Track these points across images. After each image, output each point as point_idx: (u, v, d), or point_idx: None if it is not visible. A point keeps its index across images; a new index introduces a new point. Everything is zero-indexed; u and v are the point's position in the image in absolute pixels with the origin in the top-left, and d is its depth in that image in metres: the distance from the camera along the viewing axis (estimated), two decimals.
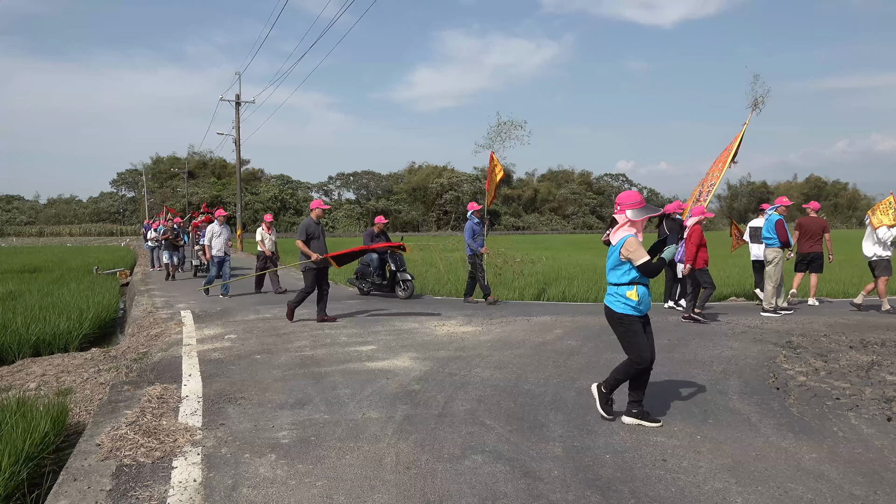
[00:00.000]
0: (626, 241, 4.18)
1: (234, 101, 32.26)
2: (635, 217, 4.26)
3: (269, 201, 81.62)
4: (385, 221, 12.74)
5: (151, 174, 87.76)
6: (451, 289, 13.82)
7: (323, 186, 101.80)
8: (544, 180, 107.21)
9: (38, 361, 8.31)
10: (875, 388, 5.24)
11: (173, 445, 4.06)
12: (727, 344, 7.05)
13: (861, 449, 3.95)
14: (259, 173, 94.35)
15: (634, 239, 4.19)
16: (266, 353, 6.96)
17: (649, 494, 3.32)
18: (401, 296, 12.05)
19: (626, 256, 4.19)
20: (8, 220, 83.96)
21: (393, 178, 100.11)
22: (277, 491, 3.40)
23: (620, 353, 6.56)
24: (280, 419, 4.60)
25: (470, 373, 5.88)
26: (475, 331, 8.09)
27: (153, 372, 6.36)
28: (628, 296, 4.25)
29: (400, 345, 7.26)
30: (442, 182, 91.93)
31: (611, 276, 4.33)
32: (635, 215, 4.26)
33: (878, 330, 7.99)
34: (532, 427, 4.38)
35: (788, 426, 4.38)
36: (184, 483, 3.50)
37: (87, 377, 7.09)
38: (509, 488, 3.40)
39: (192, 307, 11.13)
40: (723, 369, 5.94)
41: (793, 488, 3.39)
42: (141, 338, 8.63)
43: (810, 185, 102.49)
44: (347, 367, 6.21)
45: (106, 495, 3.36)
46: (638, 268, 4.18)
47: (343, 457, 3.87)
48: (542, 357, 6.50)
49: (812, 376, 5.63)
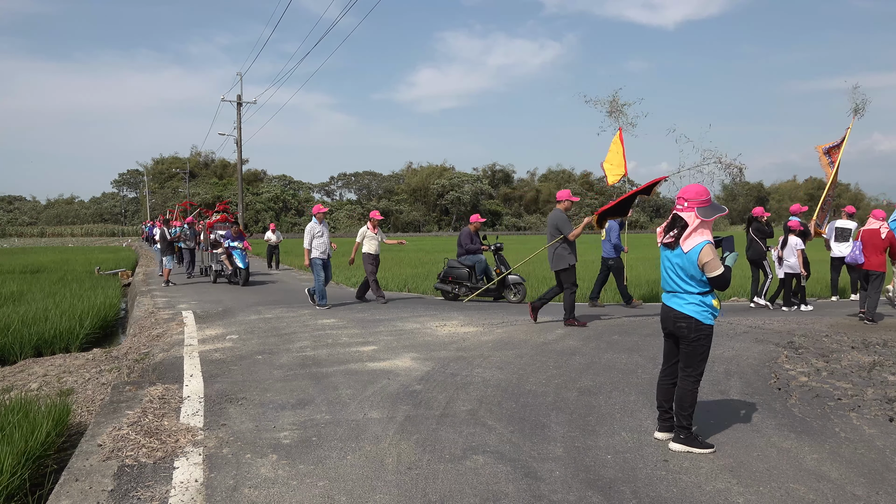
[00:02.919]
0: (704, 248, 3.73)
1: (236, 101, 32.32)
2: (707, 217, 3.76)
3: (270, 202, 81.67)
4: (483, 220, 11.80)
5: (153, 175, 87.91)
6: None
7: (324, 187, 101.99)
8: (545, 180, 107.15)
9: (39, 362, 8.33)
10: (877, 388, 5.23)
11: (175, 446, 4.06)
12: (728, 344, 7.05)
13: (863, 449, 3.95)
14: (261, 174, 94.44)
15: (710, 247, 3.75)
16: (267, 353, 6.97)
17: (651, 495, 3.32)
18: (513, 300, 11.30)
19: (701, 265, 3.76)
20: (10, 221, 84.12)
21: (394, 179, 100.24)
22: (279, 491, 3.40)
23: (622, 354, 6.58)
24: (281, 419, 4.60)
25: (471, 373, 5.88)
26: (476, 331, 8.09)
27: (155, 372, 6.37)
28: (714, 304, 3.86)
29: (401, 345, 7.26)
30: (443, 182, 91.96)
31: (687, 284, 3.84)
32: (706, 214, 3.77)
33: (879, 330, 7.98)
34: (533, 427, 4.38)
35: (790, 426, 4.38)
36: (185, 483, 3.50)
37: (89, 377, 7.11)
38: (511, 489, 3.40)
39: (193, 307, 11.14)
40: (724, 369, 5.94)
41: (794, 489, 3.38)
42: (142, 338, 8.64)
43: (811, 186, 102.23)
44: (349, 367, 6.22)
45: (108, 495, 3.37)
46: (711, 279, 3.77)
47: (344, 457, 3.87)
48: (543, 357, 6.50)
49: (814, 377, 5.63)
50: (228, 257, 15.34)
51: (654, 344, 7.06)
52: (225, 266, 15.69)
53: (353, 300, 11.89)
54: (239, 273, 15.09)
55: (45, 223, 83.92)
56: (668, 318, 3.97)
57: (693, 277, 3.82)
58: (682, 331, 3.87)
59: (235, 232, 15.48)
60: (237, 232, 15.50)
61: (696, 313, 3.83)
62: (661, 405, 4.07)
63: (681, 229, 3.82)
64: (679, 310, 3.87)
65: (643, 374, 5.76)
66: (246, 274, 15.05)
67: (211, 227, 17.70)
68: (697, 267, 3.76)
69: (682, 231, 3.81)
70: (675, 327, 3.90)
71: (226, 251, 15.40)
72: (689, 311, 3.84)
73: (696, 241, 3.76)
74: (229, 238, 15.41)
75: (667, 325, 4.00)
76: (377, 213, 11.49)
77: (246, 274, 15.05)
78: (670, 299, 3.97)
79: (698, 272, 3.79)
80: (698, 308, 3.83)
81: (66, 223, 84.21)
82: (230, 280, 15.70)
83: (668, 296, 4.00)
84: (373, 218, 11.37)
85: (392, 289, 14.71)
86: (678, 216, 3.85)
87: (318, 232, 10.59)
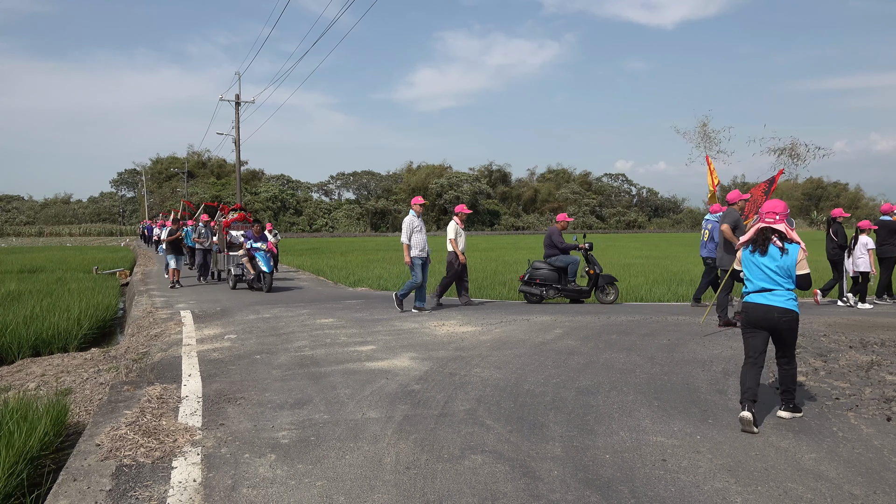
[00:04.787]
0: (799, 251, 4.45)
1: (234, 101, 32.29)
2: (791, 226, 4.46)
3: (268, 201, 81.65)
4: (570, 219, 11.33)
5: (151, 174, 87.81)
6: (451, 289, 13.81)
7: (323, 186, 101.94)
8: (544, 180, 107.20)
9: (37, 361, 8.33)
10: (874, 388, 5.24)
11: (173, 445, 4.06)
12: (727, 344, 7.05)
13: (860, 449, 3.96)
14: (260, 173, 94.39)
15: (803, 250, 4.47)
16: (266, 353, 6.96)
17: (649, 494, 3.32)
18: (607, 301, 10.99)
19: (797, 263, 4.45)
20: (7, 220, 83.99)
21: (392, 178, 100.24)
22: (277, 491, 3.40)
23: (620, 353, 6.58)
24: (280, 419, 4.60)
25: (469, 373, 5.88)
26: (475, 331, 8.09)
27: (153, 372, 6.36)
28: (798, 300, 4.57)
29: (399, 345, 7.26)
30: (441, 182, 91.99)
31: (785, 282, 4.48)
32: (791, 224, 4.56)
33: (877, 330, 7.99)
34: (532, 427, 4.38)
35: (788, 426, 4.38)
36: (183, 483, 3.50)
37: (87, 377, 7.10)
38: (509, 488, 3.40)
39: (191, 307, 11.13)
40: (722, 369, 5.94)
41: (792, 488, 3.39)
42: (141, 338, 8.63)
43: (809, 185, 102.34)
44: (347, 367, 6.21)
45: (106, 495, 3.36)
46: (799, 276, 4.46)
47: (343, 457, 3.87)
48: (541, 357, 6.50)
49: (812, 376, 5.64)
50: (251, 260, 13.84)
51: (652, 344, 7.07)
52: (246, 270, 14.03)
53: (350, 298, 11.88)
54: (263, 278, 13.63)
55: (43, 223, 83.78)
56: (767, 314, 4.49)
57: (789, 276, 4.47)
58: (786, 323, 4.47)
59: (257, 231, 13.95)
60: (259, 231, 13.98)
61: (794, 307, 4.48)
62: (751, 390, 4.41)
63: (779, 237, 4.50)
64: (782, 305, 4.46)
65: (641, 374, 5.77)
66: (270, 279, 13.62)
67: (227, 226, 16.07)
68: (794, 267, 4.44)
69: (780, 238, 4.50)
70: (780, 321, 4.46)
71: (247, 253, 13.86)
72: (791, 306, 4.46)
73: (794, 246, 4.46)
74: (251, 238, 13.87)
75: (764, 321, 4.50)
76: (464, 207, 10.72)
77: (270, 279, 13.62)
78: (769, 298, 4.49)
79: (793, 271, 4.45)
80: (794, 302, 4.49)
81: (63, 223, 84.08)
82: (252, 286, 14.11)
83: (765, 295, 4.51)
84: (460, 213, 10.56)
85: (392, 289, 14.72)
86: (770, 227, 4.53)
87: (418, 226, 9.79)
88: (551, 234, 11.00)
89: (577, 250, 11.05)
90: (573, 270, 10.91)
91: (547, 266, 11.01)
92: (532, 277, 11.07)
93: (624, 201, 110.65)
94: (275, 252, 14.38)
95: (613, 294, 11.08)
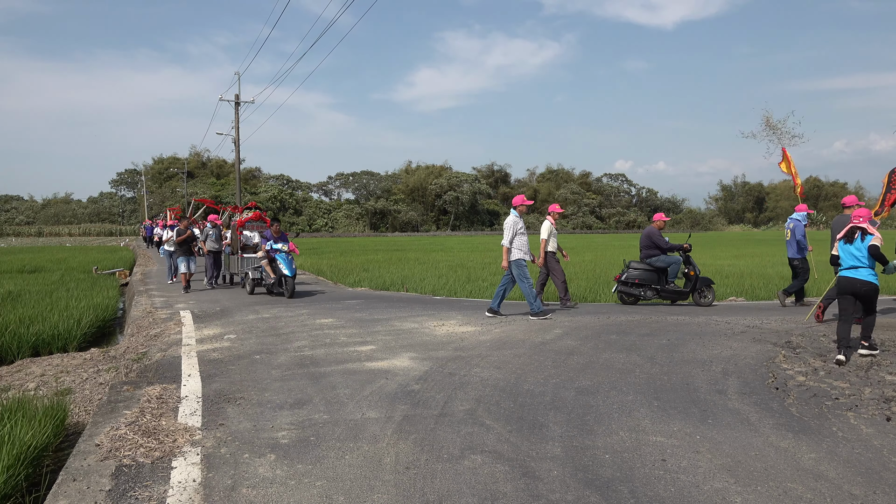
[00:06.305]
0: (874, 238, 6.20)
1: (234, 101, 32.28)
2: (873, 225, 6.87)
3: (268, 201, 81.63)
4: (667, 218, 10.99)
5: (152, 174, 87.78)
6: (451, 289, 13.83)
7: (322, 186, 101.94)
8: (544, 180, 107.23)
9: (37, 362, 8.32)
10: (874, 388, 5.24)
11: (172, 446, 4.06)
12: (726, 344, 7.05)
13: (860, 449, 3.96)
14: (256, 171, 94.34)
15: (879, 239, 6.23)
16: (265, 353, 6.96)
17: (648, 494, 3.32)
18: (704, 303, 10.62)
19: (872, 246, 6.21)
20: (7, 220, 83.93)
21: (391, 178, 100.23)
22: (277, 491, 3.40)
23: (620, 353, 6.58)
24: (279, 419, 4.60)
25: (469, 373, 5.88)
26: (474, 331, 8.09)
27: (152, 372, 6.36)
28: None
29: (399, 345, 7.26)
30: (441, 182, 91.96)
31: (868, 261, 6.21)
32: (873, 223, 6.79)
33: (877, 330, 7.98)
34: (531, 427, 4.38)
35: (787, 426, 4.38)
36: (183, 483, 3.50)
37: (87, 377, 7.10)
38: (509, 488, 3.40)
39: (191, 307, 11.13)
40: (722, 369, 5.94)
41: (792, 488, 3.39)
42: (140, 338, 8.63)
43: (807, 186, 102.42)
44: (347, 367, 6.21)
45: (105, 495, 3.36)
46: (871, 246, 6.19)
47: (342, 457, 3.87)
48: (541, 357, 6.50)
49: (811, 376, 5.64)
50: (271, 262, 12.55)
51: (652, 344, 7.07)
52: (266, 274, 12.77)
53: (350, 298, 11.87)
54: (285, 282, 12.29)
55: (43, 223, 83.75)
56: (853, 285, 6.25)
57: (869, 258, 6.22)
58: (866, 292, 6.21)
59: (276, 231, 12.65)
60: (278, 231, 12.68)
61: (874, 279, 6.22)
62: (845, 339, 6.14)
63: (862, 233, 6.27)
64: (865, 279, 6.20)
65: (641, 374, 5.77)
66: (293, 283, 12.30)
67: (241, 225, 14.98)
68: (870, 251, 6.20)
69: (863, 234, 6.27)
70: (862, 289, 6.21)
71: (267, 255, 12.52)
72: (871, 279, 6.20)
73: (872, 238, 6.23)
74: (270, 239, 12.61)
75: (851, 290, 6.27)
76: (558, 207, 10.54)
77: (293, 283, 12.30)
78: (855, 273, 6.24)
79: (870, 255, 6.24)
80: (874, 276, 6.23)
81: (63, 223, 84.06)
82: (271, 290, 12.84)
83: (853, 271, 6.27)
84: (553, 212, 10.32)
85: (391, 289, 14.72)
86: (858, 227, 6.33)
87: (521, 228, 9.13)
88: (650, 234, 10.59)
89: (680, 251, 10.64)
90: (675, 271, 10.55)
91: (644, 266, 10.62)
92: (630, 278, 10.66)
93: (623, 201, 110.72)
94: (297, 253, 13.23)
95: (711, 296, 10.70)
